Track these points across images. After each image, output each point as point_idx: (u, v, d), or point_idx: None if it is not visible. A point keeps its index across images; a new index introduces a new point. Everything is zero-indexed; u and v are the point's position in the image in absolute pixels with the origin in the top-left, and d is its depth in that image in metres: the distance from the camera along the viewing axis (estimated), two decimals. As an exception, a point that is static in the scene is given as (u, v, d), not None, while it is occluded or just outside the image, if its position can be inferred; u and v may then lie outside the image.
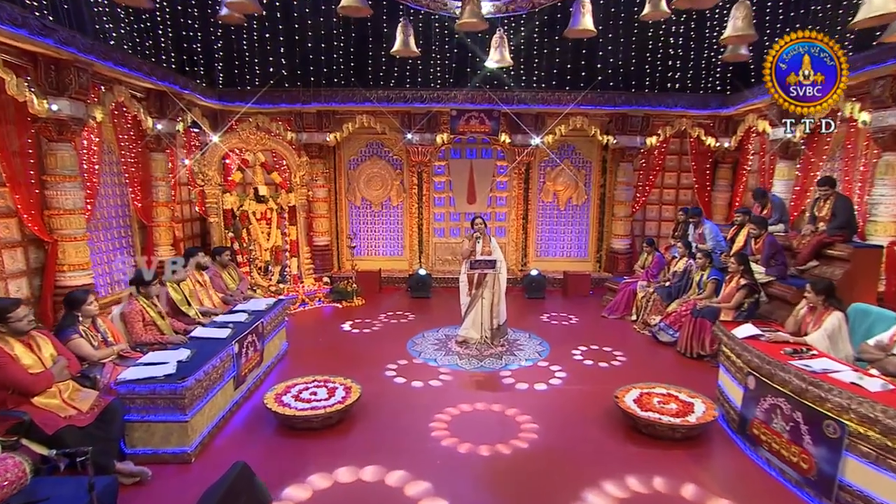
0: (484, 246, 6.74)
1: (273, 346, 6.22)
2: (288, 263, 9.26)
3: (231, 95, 9.49)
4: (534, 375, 5.95)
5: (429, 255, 10.61)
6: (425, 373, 6.00)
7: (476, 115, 9.59)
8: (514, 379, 5.85)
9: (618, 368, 6.25)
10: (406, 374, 5.96)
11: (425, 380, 5.80)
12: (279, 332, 6.43)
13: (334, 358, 6.49)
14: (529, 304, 9.17)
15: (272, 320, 6.17)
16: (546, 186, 10.43)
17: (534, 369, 6.15)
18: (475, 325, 6.76)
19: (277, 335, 6.39)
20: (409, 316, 8.39)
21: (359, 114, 9.61)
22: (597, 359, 6.53)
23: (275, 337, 6.27)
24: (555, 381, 5.82)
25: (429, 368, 6.15)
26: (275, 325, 6.27)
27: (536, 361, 6.38)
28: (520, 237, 10.52)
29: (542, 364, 6.31)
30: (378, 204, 10.56)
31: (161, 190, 8.06)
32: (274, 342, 6.25)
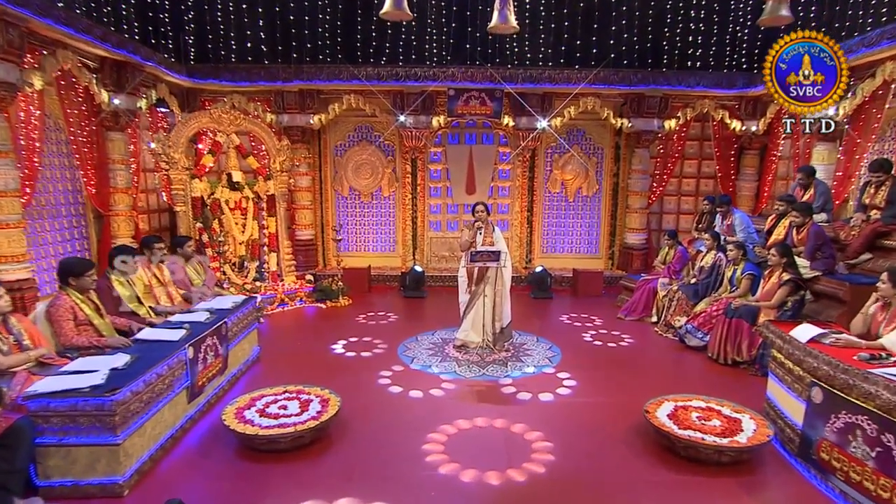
0: (486, 237, 6.11)
1: (241, 351, 5.54)
2: (266, 259, 8.61)
3: (203, 72, 8.83)
4: (544, 385, 5.28)
5: (424, 250, 10.01)
6: (418, 382, 5.33)
7: (476, 96, 8.97)
8: (522, 389, 5.18)
9: (642, 376, 5.58)
10: (396, 384, 5.27)
11: (418, 390, 5.12)
12: (249, 334, 5.75)
13: (314, 365, 5.85)
14: (536, 305, 8.55)
15: (240, 321, 5.49)
16: (553, 175, 9.84)
17: (544, 378, 5.49)
18: (475, 327, 6.10)
19: (247, 338, 5.70)
20: (402, 317, 7.75)
21: (346, 93, 9.01)
22: (616, 365, 5.86)
23: (243, 340, 5.59)
24: (569, 391, 5.15)
25: (423, 377, 5.49)
26: (243, 327, 5.59)
27: (546, 369, 5.71)
28: (524, 231, 9.91)
29: (552, 372, 5.63)
30: (368, 194, 9.93)
31: (120, 174, 7.37)
32: (242, 346, 5.57)
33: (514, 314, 6.31)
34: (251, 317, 5.85)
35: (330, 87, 8.99)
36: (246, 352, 5.70)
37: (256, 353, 5.96)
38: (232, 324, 5.27)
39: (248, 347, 5.75)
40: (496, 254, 5.73)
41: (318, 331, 7.15)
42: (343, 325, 7.34)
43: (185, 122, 7.56)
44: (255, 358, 5.89)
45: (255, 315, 5.98)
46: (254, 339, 5.95)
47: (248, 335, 5.77)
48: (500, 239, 6.14)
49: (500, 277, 5.99)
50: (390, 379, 5.42)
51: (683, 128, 9.31)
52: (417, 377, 5.47)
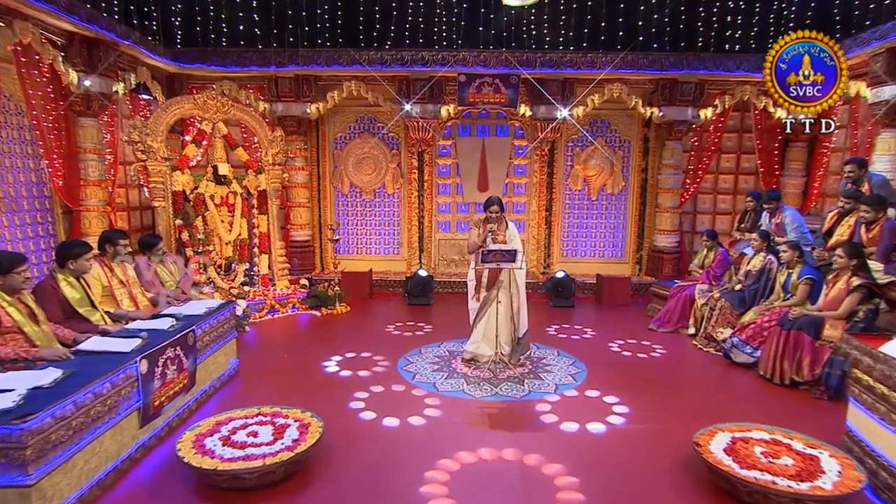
0: (498, 234, 5.47)
1: (214, 365, 4.93)
2: (256, 261, 8.04)
3: (189, 55, 8.35)
4: (567, 407, 4.61)
5: (431, 253, 9.43)
6: (419, 403, 4.67)
7: (490, 82, 8.38)
8: (540, 412, 4.50)
9: (683, 398, 4.88)
10: (391, 406, 4.62)
11: (419, 413, 4.46)
12: (224, 344, 5.14)
13: (300, 380, 5.26)
14: (555, 314, 7.91)
15: (213, 329, 4.88)
16: (574, 171, 9.26)
17: (566, 398, 4.82)
18: (487, 339, 5.46)
19: (222, 349, 5.10)
20: (404, 327, 7.14)
21: (346, 79, 8.50)
22: (652, 384, 5.16)
23: (218, 352, 4.99)
24: (597, 415, 4.45)
25: (424, 396, 4.82)
26: (218, 336, 4.98)
27: (569, 388, 5.03)
28: (542, 233, 9.30)
29: (576, 391, 4.94)
30: (370, 191, 9.39)
31: (92, 165, 6.86)
32: (216, 359, 4.96)
33: (531, 324, 5.65)
34: (228, 324, 5.25)
35: (328, 72, 8.49)
36: (221, 365, 5.09)
37: (234, 366, 5.35)
38: (202, 332, 4.67)
39: (223, 360, 5.14)
40: (511, 253, 5.06)
41: (310, 341, 6.57)
42: (337, 334, 6.77)
43: (166, 108, 7.01)
44: (232, 372, 5.28)
45: (232, 322, 5.38)
46: (231, 351, 5.34)
47: (225, 346, 5.16)
48: (514, 236, 5.52)
49: (515, 281, 5.32)
50: (384, 399, 4.76)
51: (721, 118, 8.62)
52: (418, 397, 4.81)
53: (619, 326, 7.21)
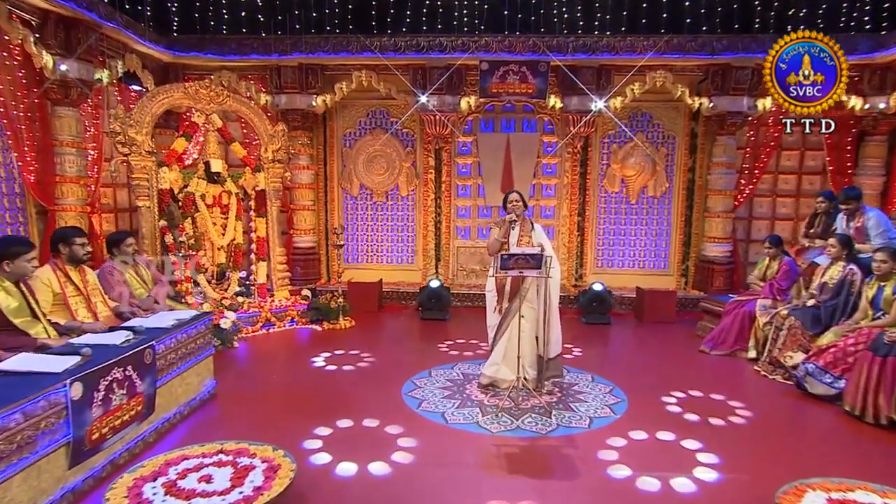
0: (522, 235, 4.84)
1: (183, 387, 4.34)
2: (253, 269, 7.52)
3: (185, 44, 7.99)
4: (604, 446, 3.86)
5: (449, 262, 8.84)
6: (422, 438, 3.99)
7: (516, 70, 7.80)
8: (572, 452, 3.79)
9: (749, 440, 4.08)
10: (387, 442, 3.94)
11: (420, 451, 3.77)
12: (197, 363, 4.55)
13: (286, 405, 4.66)
14: (589, 332, 7.18)
15: (182, 344, 4.29)
16: (611, 171, 8.65)
17: (603, 434, 4.09)
18: (508, 360, 4.78)
19: (194, 369, 4.50)
20: (415, 345, 6.58)
21: (356, 69, 8.03)
22: (708, 418, 4.37)
23: (188, 371, 4.40)
24: (639, 459, 3.68)
25: (430, 429, 4.16)
26: (188, 353, 4.39)
27: (606, 421, 4.32)
28: (574, 240, 8.68)
29: (614, 427, 4.19)
30: (381, 193, 8.91)
31: (69, 160, 6.40)
32: (186, 380, 4.37)
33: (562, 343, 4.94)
34: (203, 339, 4.65)
35: (336, 60, 8.03)
36: (192, 387, 4.48)
37: (210, 388, 4.74)
38: (166, 349, 4.07)
39: (195, 382, 4.54)
40: (537, 258, 4.36)
41: (305, 359, 5.92)
42: (337, 352, 6.11)
43: (153, 97, 6.53)
44: (206, 396, 4.67)
45: (208, 337, 4.78)
46: (207, 371, 4.74)
47: (197, 365, 4.56)
48: (542, 238, 4.87)
49: (546, 291, 4.62)
50: (382, 433, 4.08)
51: (782, 108, 7.76)
52: (422, 430, 4.13)
53: (664, 347, 6.49)
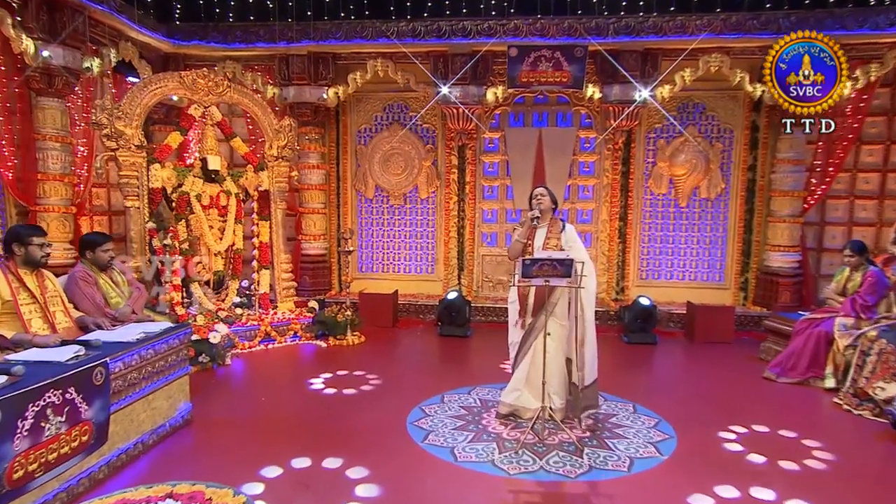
0: (550, 238, 4.34)
1: (148, 412, 3.92)
2: (255, 277, 7.19)
3: (186, 32, 7.83)
4: (649, 496, 3.26)
5: (473, 272, 8.46)
6: (426, 479, 3.49)
7: (548, 56, 7.36)
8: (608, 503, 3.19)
9: (832, 487, 3.42)
10: (384, 481, 3.41)
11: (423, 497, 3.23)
12: (168, 384, 4.13)
13: (270, 435, 4.19)
14: (631, 354, 6.63)
15: (148, 362, 3.88)
16: (658, 170, 8.18)
17: (646, 480, 3.52)
18: (532, 385, 4.28)
19: (163, 390, 4.08)
20: (428, 365, 6.12)
21: (371, 57, 7.79)
22: (778, 461, 3.71)
23: (155, 394, 3.99)
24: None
25: (435, 468, 3.64)
26: (156, 372, 3.98)
27: (650, 463, 3.74)
28: (615, 249, 8.23)
29: (660, 471, 3.58)
30: (399, 196, 8.60)
31: (53, 156, 6.18)
32: (152, 403, 3.96)
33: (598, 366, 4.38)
34: (176, 356, 4.23)
35: (349, 49, 7.77)
36: (161, 412, 4.05)
37: (184, 413, 4.31)
38: (126, 367, 3.65)
39: (164, 405, 4.10)
40: (565, 264, 3.82)
41: (302, 380, 5.50)
42: (340, 373, 5.67)
43: (144, 86, 6.23)
44: (179, 422, 4.24)
45: (184, 353, 4.36)
46: (181, 392, 4.32)
47: (168, 385, 4.14)
48: (573, 241, 4.34)
49: (577, 303, 4.08)
50: (375, 471, 3.55)
51: (863, 94, 7.15)
52: (425, 469, 3.61)
53: (721, 372, 5.87)
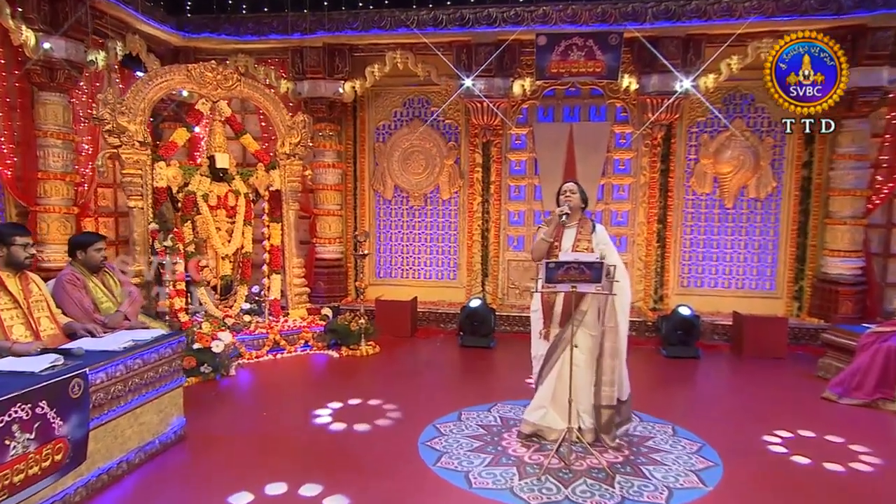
0: (580, 239, 4.09)
1: (135, 428, 3.77)
2: (265, 282, 7.08)
3: (196, 24, 7.79)
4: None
5: (498, 278, 8.25)
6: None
7: (580, 45, 7.10)
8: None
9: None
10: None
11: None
12: (159, 397, 3.97)
13: (269, 454, 4.00)
14: (672, 369, 6.35)
15: (136, 373, 3.72)
16: (701, 167, 7.87)
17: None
18: (558, 404, 4.04)
19: (153, 404, 3.93)
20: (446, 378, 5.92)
21: (390, 48, 7.66)
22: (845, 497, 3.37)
23: (144, 407, 3.84)
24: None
25: (445, 496, 3.41)
26: (144, 385, 3.82)
27: (693, 495, 3.42)
28: (653, 253, 7.95)
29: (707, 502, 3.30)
30: (419, 196, 8.45)
31: (54, 153, 6.13)
32: (141, 418, 3.81)
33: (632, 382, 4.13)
34: (168, 366, 4.05)
35: (367, 39, 7.64)
36: (150, 428, 3.88)
37: (176, 429, 4.14)
38: (109, 378, 3.48)
39: (154, 420, 3.93)
40: (595, 268, 3.55)
41: (309, 392, 5.40)
42: (351, 384, 5.53)
43: (149, 80, 6.17)
44: (171, 438, 4.07)
45: (178, 363, 4.19)
46: (173, 406, 4.15)
47: (159, 398, 3.98)
48: (605, 243, 4.11)
49: (611, 311, 3.86)
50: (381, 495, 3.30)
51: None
52: (434, 496, 3.39)
53: (773, 391, 5.53)
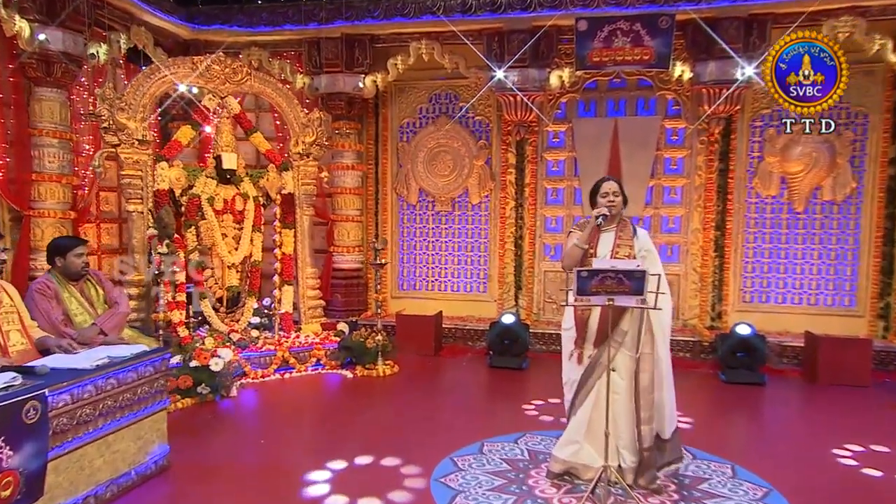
0: (620, 245, 3.79)
1: (106, 457, 3.55)
2: (276, 294, 6.96)
3: (207, 16, 7.77)
4: None
5: (533, 292, 8.01)
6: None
7: (626, 29, 6.82)
8: None
9: None
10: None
11: None
12: (137, 422, 3.76)
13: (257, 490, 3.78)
14: (730, 397, 6.03)
15: (108, 395, 3.52)
16: (766, 166, 7.48)
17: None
18: (594, 437, 3.73)
19: (130, 430, 3.72)
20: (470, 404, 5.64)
21: (414, 38, 7.55)
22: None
23: (117, 434, 3.62)
24: None
25: None
26: (118, 408, 3.61)
27: None
28: (710, 264, 7.57)
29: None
30: (446, 201, 8.28)
31: (49, 153, 6.09)
32: (112, 447, 3.59)
33: (685, 411, 3.74)
34: (149, 387, 3.83)
35: (389, 28, 7.54)
36: (125, 457, 3.66)
37: (158, 458, 3.92)
38: (75, 401, 3.25)
39: (132, 449, 3.71)
40: (635, 277, 3.19)
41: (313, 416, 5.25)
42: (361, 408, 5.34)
43: (151, 74, 6.11)
44: (151, 468, 3.84)
45: (160, 384, 3.96)
46: (154, 433, 3.92)
47: (137, 424, 3.76)
48: (649, 250, 3.79)
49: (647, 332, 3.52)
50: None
51: None
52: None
53: (856, 425, 5.10)
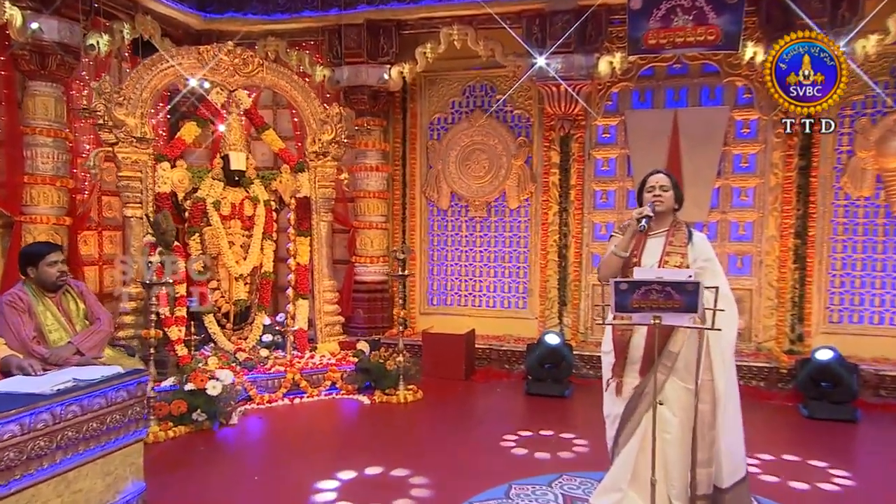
0: (670, 253, 3.53)
1: (64, 499, 3.35)
2: (290, 309, 6.91)
3: (221, 3, 7.84)
4: None
5: (579, 309, 7.73)
6: None
7: (686, 6, 6.58)
8: None
9: None
10: None
11: None
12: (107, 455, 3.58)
13: None
14: (815, 434, 5.73)
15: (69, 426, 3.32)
16: (856, 162, 7.11)
17: None
18: (639, 484, 3.45)
19: (97, 465, 3.53)
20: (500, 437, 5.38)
21: (445, 23, 7.47)
22: None
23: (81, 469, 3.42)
24: None
25: None
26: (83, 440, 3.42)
27: None
28: (788, 278, 7.19)
29: None
30: (481, 205, 8.13)
31: (43, 153, 6.05)
32: (73, 486, 3.39)
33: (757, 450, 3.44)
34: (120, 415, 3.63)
35: (417, 13, 7.47)
36: (92, 497, 3.47)
37: (131, 497, 3.72)
38: (28, 433, 3.05)
39: (99, 486, 3.51)
40: (688, 290, 2.87)
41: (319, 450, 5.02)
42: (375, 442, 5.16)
43: (152, 65, 6.16)
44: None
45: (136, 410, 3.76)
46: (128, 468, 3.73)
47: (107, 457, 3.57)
48: (707, 259, 3.50)
49: (706, 356, 3.26)
50: None
51: None
52: None
53: None
